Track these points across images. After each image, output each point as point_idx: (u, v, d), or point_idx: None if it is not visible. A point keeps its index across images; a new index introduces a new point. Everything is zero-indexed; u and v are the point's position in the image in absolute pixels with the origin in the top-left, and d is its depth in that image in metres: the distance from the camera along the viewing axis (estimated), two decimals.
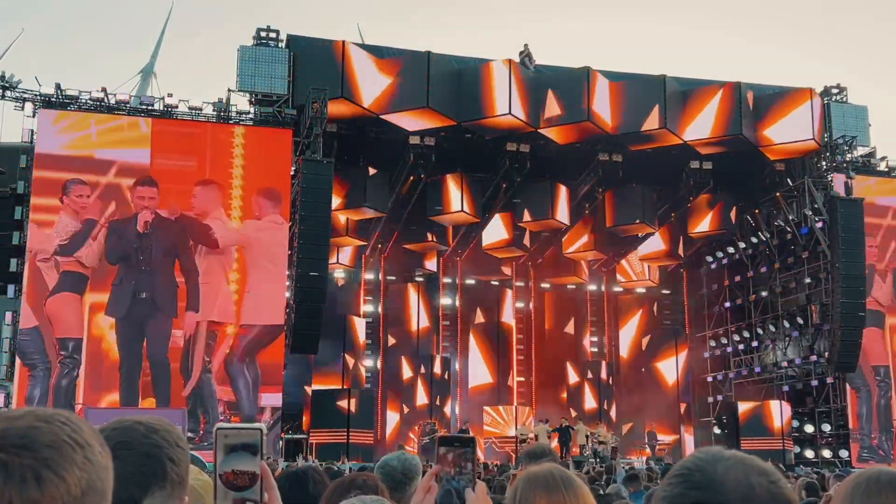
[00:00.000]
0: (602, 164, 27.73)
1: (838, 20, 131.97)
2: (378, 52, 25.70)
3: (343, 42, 24.95)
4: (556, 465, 2.69)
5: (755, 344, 31.92)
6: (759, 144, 27.37)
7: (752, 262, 32.11)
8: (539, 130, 25.91)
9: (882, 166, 28.73)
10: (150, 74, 60.02)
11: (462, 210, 27.71)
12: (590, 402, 32.00)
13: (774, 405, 28.96)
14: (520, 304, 35.01)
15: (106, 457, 1.34)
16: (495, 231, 30.71)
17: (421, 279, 33.55)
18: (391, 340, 32.49)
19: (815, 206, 27.36)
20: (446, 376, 31.33)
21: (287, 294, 24.05)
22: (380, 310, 33.00)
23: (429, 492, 1.97)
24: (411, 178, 27.39)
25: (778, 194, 29.19)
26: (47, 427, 1.28)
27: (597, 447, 26.27)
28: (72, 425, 1.31)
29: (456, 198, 27.78)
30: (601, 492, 9.58)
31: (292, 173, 24.34)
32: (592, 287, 35.74)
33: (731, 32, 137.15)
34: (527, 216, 29.11)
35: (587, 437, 26.76)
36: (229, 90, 24.53)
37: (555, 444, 25.30)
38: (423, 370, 30.79)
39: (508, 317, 34.11)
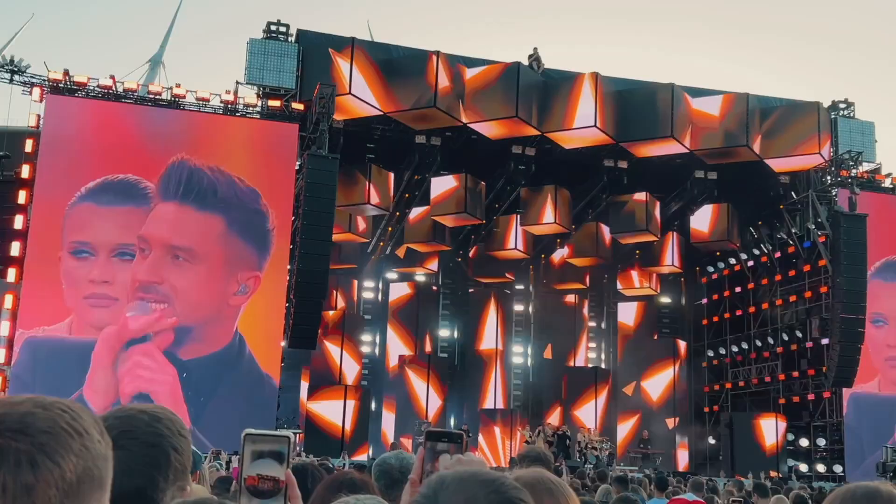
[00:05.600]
0: (607, 171, 27.72)
1: (848, 35, 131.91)
2: (387, 51, 25.71)
3: (353, 40, 24.91)
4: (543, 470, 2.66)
5: (753, 356, 31.90)
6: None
7: (754, 274, 32.08)
8: (546, 134, 25.93)
9: (887, 183, 28.70)
10: (158, 64, 60.13)
11: (465, 212, 27.69)
12: (587, 409, 31.96)
13: (768, 424, 28.97)
14: (519, 308, 35.05)
15: (105, 446, 1.34)
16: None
17: (422, 279, 33.59)
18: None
19: (819, 220, 27.36)
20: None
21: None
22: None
23: (415, 487, 1.94)
24: (416, 176, 27.41)
25: (781, 207, 29.18)
26: (45, 413, 1.28)
27: (593, 454, 26.29)
28: (71, 413, 1.31)
29: (459, 199, 27.76)
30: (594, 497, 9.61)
31: (297, 168, 24.35)
32: (593, 293, 35.76)
33: (739, 45, 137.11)
34: (530, 220, 29.10)
35: (581, 443, 26.78)
36: (237, 83, 24.56)
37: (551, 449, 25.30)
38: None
39: (509, 321, 34.17)
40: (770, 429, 28.95)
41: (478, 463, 1.89)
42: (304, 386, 28.67)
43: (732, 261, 32.65)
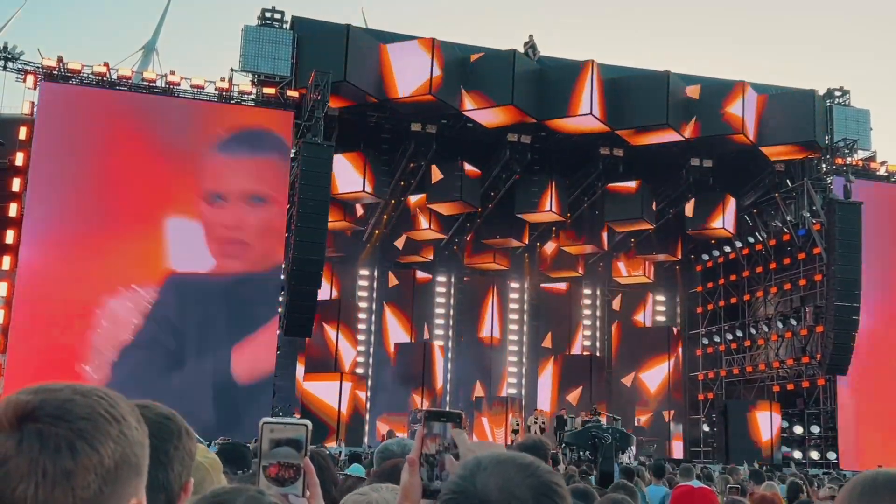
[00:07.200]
0: (602, 159, 27.70)
1: (844, 23, 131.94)
2: (382, 38, 25.60)
3: (347, 27, 24.81)
4: None
5: (748, 343, 31.99)
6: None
7: (748, 262, 32.13)
8: (543, 122, 25.86)
9: (882, 171, 28.73)
10: (152, 51, 59.67)
11: (461, 200, 27.64)
12: (583, 397, 32.01)
13: (762, 412, 29.00)
14: (514, 296, 35.05)
15: (142, 433, 1.36)
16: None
17: (418, 267, 33.53)
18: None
19: (814, 208, 27.40)
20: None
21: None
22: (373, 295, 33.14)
23: (413, 466, 1.93)
24: (411, 164, 27.38)
25: (776, 195, 29.22)
26: (84, 400, 1.30)
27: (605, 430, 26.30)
28: (109, 400, 1.33)
29: (455, 187, 27.69)
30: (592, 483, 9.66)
31: (292, 156, 24.30)
32: (588, 281, 35.79)
33: (734, 33, 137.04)
34: (525, 208, 29.06)
35: (585, 424, 26.80)
36: (232, 70, 24.46)
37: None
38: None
39: (505, 309, 34.20)
40: (764, 416, 29.05)
41: (490, 445, 1.89)
42: (300, 370, 28.75)
43: (727, 248, 32.68)
